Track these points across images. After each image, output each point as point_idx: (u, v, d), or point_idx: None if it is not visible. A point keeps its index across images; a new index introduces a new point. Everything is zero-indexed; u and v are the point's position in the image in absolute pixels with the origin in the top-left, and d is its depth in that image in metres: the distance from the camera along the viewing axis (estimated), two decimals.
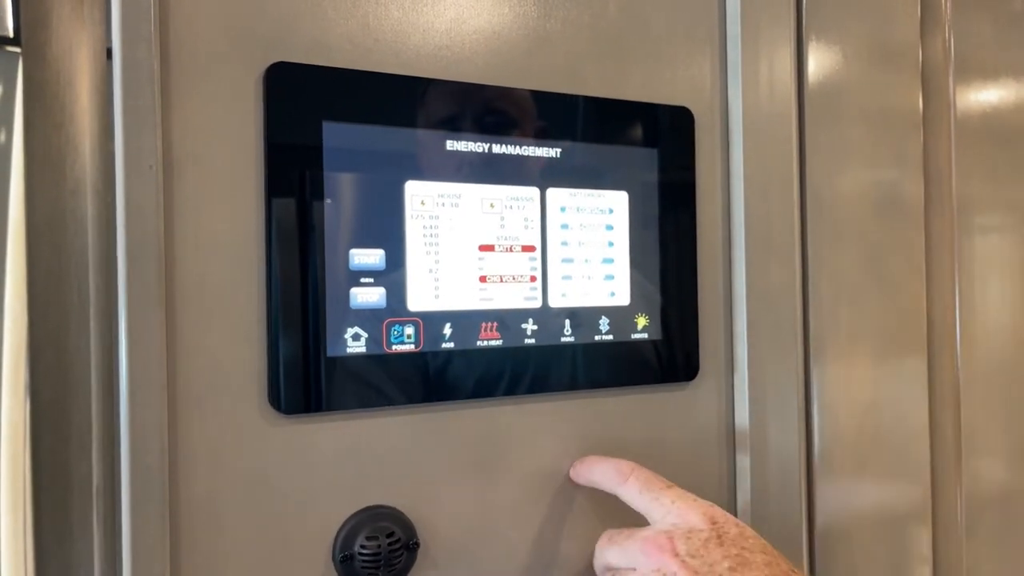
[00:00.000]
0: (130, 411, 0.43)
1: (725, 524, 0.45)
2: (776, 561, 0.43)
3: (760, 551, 0.43)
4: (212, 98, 0.47)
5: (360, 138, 0.50)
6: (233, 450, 0.47)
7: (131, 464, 0.43)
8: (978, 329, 0.79)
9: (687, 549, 0.43)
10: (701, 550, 0.43)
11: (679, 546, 0.43)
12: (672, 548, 0.43)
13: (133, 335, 0.44)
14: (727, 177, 0.64)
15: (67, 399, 0.46)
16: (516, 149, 0.54)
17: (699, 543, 0.43)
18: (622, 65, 0.60)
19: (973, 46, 0.79)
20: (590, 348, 0.57)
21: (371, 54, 0.51)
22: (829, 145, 0.67)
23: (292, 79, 0.48)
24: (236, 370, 0.47)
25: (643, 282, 0.59)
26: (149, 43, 0.44)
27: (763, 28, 0.64)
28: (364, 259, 0.50)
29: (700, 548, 0.43)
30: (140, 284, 0.44)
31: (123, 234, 0.44)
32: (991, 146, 0.80)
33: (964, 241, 0.78)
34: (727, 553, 0.42)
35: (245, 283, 0.47)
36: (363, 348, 0.50)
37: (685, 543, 0.43)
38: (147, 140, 0.44)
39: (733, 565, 0.42)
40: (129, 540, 0.43)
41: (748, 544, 0.43)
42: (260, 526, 0.48)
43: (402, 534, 0.50)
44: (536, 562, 0.56)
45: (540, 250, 0.55)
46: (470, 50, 0.54)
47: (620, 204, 0.58)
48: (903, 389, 0.72)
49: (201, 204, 0.47)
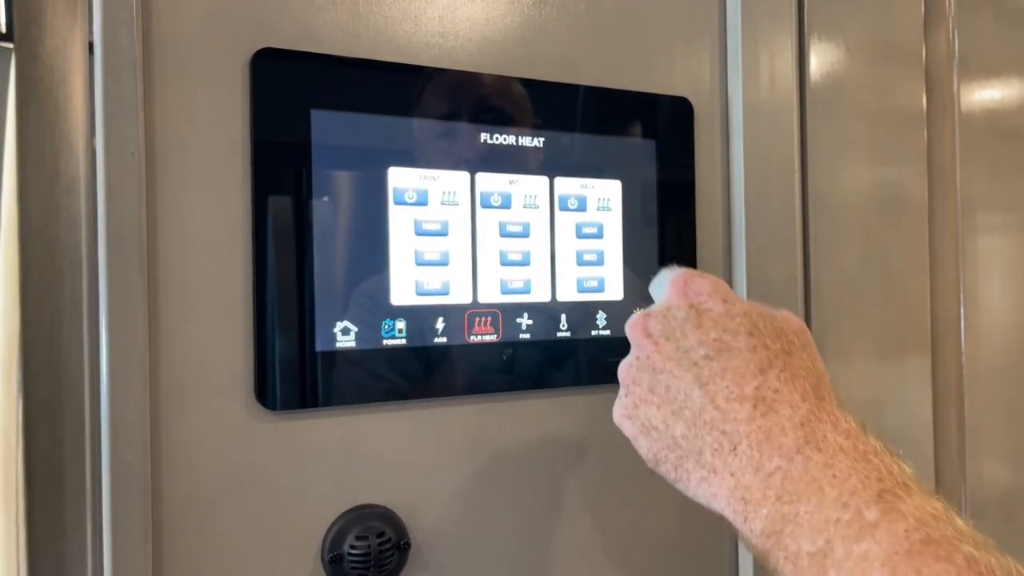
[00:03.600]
0: (110, 406, 0.42)
1: (709, 300, 0.38)
2: (764, 342, 0.36)
3: (746, 332, 0.36)
4: (197, 85, 0.46)
5: (350, 127, 0.48)
6: (219, 447, 0.46)
7: (112, 461, 0.42)
8: (982, 326, 0.78)
9: (662, 329, 0.38)
10: (677, 331, 0.37)
11: (653, 326, 0.38)
12: (645, 328, 0.38)
13: (114, 328, 0.42)
14: (727, 170, 0.63)
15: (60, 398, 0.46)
16: (508, 139, 0.53)
17: (675, 324, 0.38)
18: (619, 54, 0.58)
19: (977, 42, 0.78)
20: (587, 343, 0.56)
21: (361, 41, 0.50)
22: (831, 140, 0.66)
23: (280, 66, 0.47)
24: (222, 365, 0.46)
25: (641, 276, 0.58)
26: (131, 27, 0.43)
27: (763, 19, 0.63)
28: (354, 250, 0.48)
29: (676, 329, 0.37)
30: (122, 275, 0.43)
31: (104, 224, 0.42)
32: (995, 143, 0.80)
33: (968, 238, 0.77)
34: (704, 338, 0.36)
35: (231, 275, 0.46)
36: (353, 343, 0.48)
37: (660, 322, 0.38)
38: (129, 126, 0.43)
39: (710, 352, 0.36)
40: (110, 538, 0.42)
41: (732, 325, 0.37)
42: (246, 525, 0.46)
43: (393, 534, 0.49)
44: (531, 563, 0.55)
45: (534, 243, 0.54)
46: (463, 38, 0.53)
47: (615, 195, 0.57)
48: (906, 387, 0.71)
49: (186, 194, 0.45)
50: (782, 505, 0.32)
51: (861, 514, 0.30)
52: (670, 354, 0.37)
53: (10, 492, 0.45)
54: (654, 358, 0.38)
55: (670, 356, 0.37)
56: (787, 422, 0.34)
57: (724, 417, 0.35)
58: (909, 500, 0.30)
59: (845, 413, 0.35)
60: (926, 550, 0.28)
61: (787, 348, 0.37)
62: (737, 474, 0.34)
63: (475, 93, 0.53)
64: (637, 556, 0.59)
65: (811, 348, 0.38)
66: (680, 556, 0.60)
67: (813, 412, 0.34)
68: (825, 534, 0.30)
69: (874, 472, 0.32)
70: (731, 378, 0.35)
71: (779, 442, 0.33)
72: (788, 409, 0.34)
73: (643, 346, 0.38)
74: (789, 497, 0.32)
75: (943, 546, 0.28)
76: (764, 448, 0.33)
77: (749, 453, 0.34)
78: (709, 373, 0.36)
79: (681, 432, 0.36)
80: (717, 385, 0.35)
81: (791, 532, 0.31)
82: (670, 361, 0.37)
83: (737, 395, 0.35)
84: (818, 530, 0.30)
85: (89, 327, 0.46)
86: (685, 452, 0.36)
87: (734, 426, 0.34)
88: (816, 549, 0.30)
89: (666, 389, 0.37)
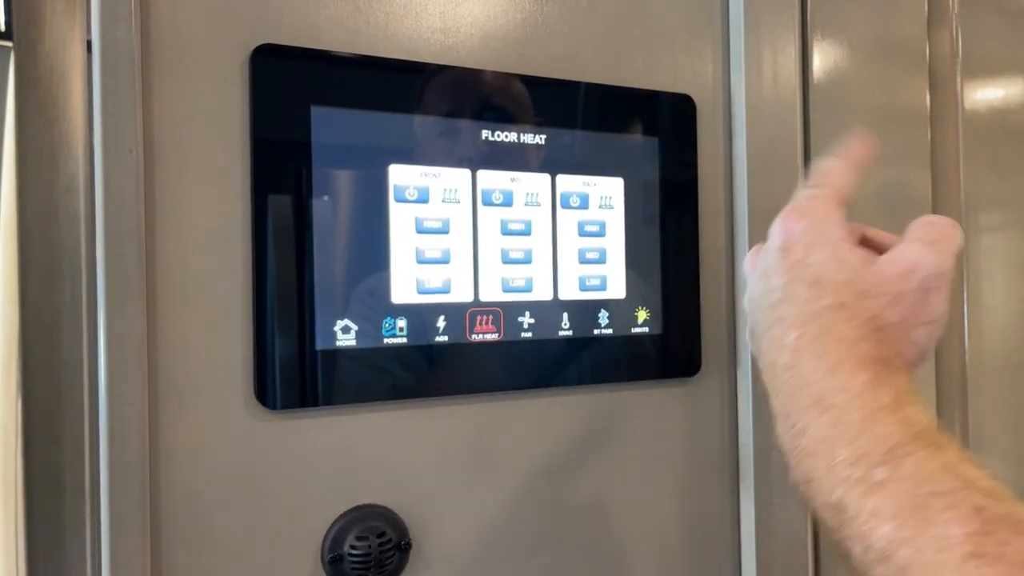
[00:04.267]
0: (109, 405, 0.42)
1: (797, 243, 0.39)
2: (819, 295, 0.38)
3: (809, 283, 0.38)
4: (196, 81, 0.45)
5: (350, 124, 0.48)
6: (218, 447, 0.45)
7: (110, 460, 0.42)
8: (986, 326, 0.78)
9: (763, 267, 0.41)
10: (769, 270, 0.40)
11: (759, 260, 0.41)
12: (753, 261, 0.42)
13: (112, 326, 0.42)
14: (730, 168, 0.62)
15: (59, 399, 0.45)
16: (510, 136, 0.53)
17: (767, 264, 0.40)
18: (621, 51, 0.58)
19: (980, 41, 0.78)
20: (589, 342, 0.55)
21: (361, 37, 0.49)
22: (834, 138, 0.66)
23: (279, 62, 0.47)
24: (221, 364, 0.46)
25: (643, 275, 0.58)
26: (129, 23, 0.42)
27: (766, 16, 0.62)
28: (354, 248, 0.48)
29: (769, 268, 0.40)
30: (120, 273, 0.42)
31: (102, 222, 0.42)
32: (999, 141, 0.79)
33: (972, 237, 0.77)
34: (779, 282, 0.39)
35: (230, 273, 0.46)
36: (353, 341, 0.48)
37: (763, 258, 0.41)
38: (127, 124, 0.42)
39: (778, 299, 0.39)
40: (108, 538, 0.42)
41: (803, 274, 0.38)
42: (246, 526, 0.46)
43: (393, 534, 0.48)
44: (532, 563, 0.54)
45: (535, 241, 0.54)
46: (465, 34, 0.53)
47: (617, 193, 0.57)
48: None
49: (185, 191, 0.45)
50: (803, 458, 0.34)
51: (870, 473, 0.31)
52: (758, 295, 0.40)
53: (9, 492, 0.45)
54: (753, 291, 0.41)
55: (757, 299, 0.40)
56: (809, 376, 0.35)
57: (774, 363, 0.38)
58: (917, 454, 0.31)
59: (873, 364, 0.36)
60: (932, 503, 0.29)
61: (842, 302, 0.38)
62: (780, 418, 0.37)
63: (477, 90, 0.52)
64: (639, 556, 0.58)
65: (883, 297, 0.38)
66: (682, 556, 0.60)
67: (836, 366, 0.35)
68: (839, 490, 0.32)
69: (885, 428, 0.32)
70: (783, 327, 0.38)
71: (798, 396, 0.35)
72: (811, 363, 0.36)
73: (751, 278, 0.42)
74: (809, 450, 0.34)
75: (949, 497, 0.29)
76: (790, 403, 0.36)
77: (782, 406, 0.36)
78: (774, 318, 0.38)
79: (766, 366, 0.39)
80: (774, 332, 0.38)
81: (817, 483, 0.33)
82: (761, 297, 0.40)
83: (779, 345, 0.37)
84: (831, 488, 0.32)
85: (88, 326, 0.46)
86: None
87: (776, 372, 0.37)
88: (832, 501, 0.32)
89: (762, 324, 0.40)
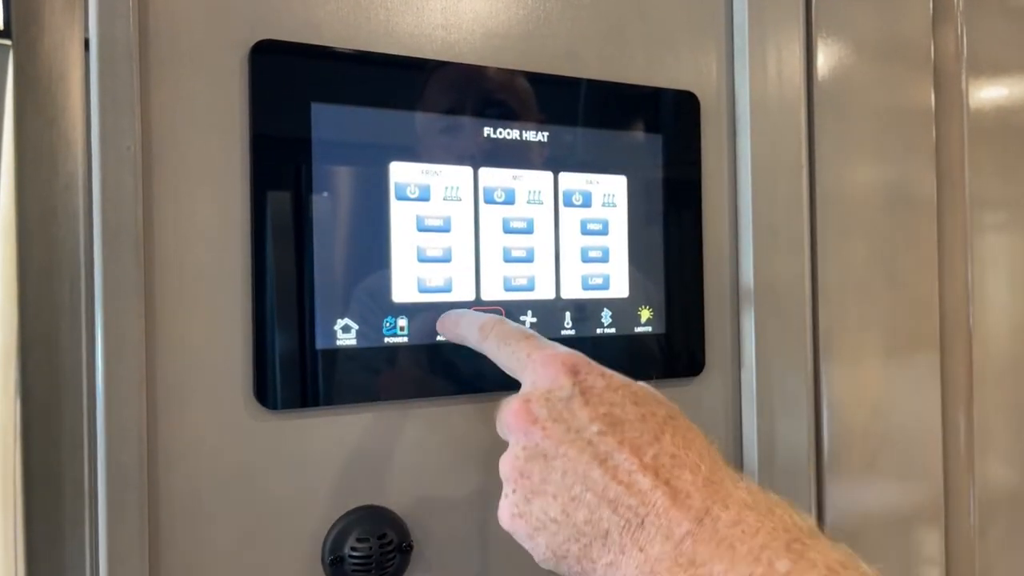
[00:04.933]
0: (106, 405, 0.41)
1: (589, 376, 0.37)
2: (652, 410, 0.36)
3: (631, 403, 0.36)
4: (195, 78, 0.45)
5: (351, 121, 0.48)
6: (217, 447, 0.45)
7: (107, 461, 0.41)
8: (991, 325, 0.77)
9: (548, 413, 0.36)
10: (564, 412, 0.36)
11: (537, 410, 0.37)
12: (530, 415, 0.37)
13: (110, 325, 0.42)
14: (734, 166, 0.62)
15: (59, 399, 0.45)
16: (512, 133, 0.52)
17: (561, 405, 0.36)
18: (625, 47, 0.58)
19: (985, 39, 0.77)
20: (592, 341, 0.55)
21: (362, 33, 0.49)
22: (839, 137, 0.66)
23: (279, 58, 0.46)
24: (220, 363, 0.45)
25: (646, 273, 0.57)
26: (127, 19, 0.42)
27: (771, 14, 0.62)
28: (355, 247, 0.48)
29: (563, 410, 0.36)
30: (117, 272, 0.42)
31: (100, 219, 0.42)
32: (1004, 140, 0.79)
33: (976, 236, 0.76)
34: (594, 413, 0.36)
35: (230, 271, 0.45)
36: (353, 340, 0.47)
37: (545, 406, 0.37)
38: (125, 121, 0.42)
39: (603, 427, 0.35)
40: (106, 538, 0.41)
41: (616, 398, 0.36)
42: (245, 527, 0.46)
43: (395, 535, 0.48)
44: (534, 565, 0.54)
45: (538, 239, 0.53)
46: (466, 30, 0.52)
47: (620, 191, 0.56)
48: (915, 386, 0.70)
49: (183, 189, 0.44)
50: (696, 569, 0.31)
51: (773, 566, 0.30)
52: (561, 436, 0.36)
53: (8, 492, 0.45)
54: (544, 444, 0.36)
55: (562, 439, 0.35)
56: (690, 486, 0.33)
57: (629, 491, 0.34)
58: (816, 549, 0.31)
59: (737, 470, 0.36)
60: None
61: (671, 412, 0.37)
62: (646, 548, 0.33)
63: (478, 87, 0.52)
64: None
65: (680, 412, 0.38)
66: None
67: (713, 471, 0.34)
68: None
69: (780, 524, 0.32)
70: (629, 450, 0.34)
71: (686, 505, 0.33)
72: (689, 473, 0.34)
73: (530, 433, 0.36)
74: (702, 559, 0.31)
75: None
76: (672, 514, 0.33)
77: (657, 523, 0.33)
78: (606, 449, 0.35)
79: (584, 518, 0.34)
80: (616, 460, 0.34)
81: None
82: (563, 444, 0.35)
83: (638, 466, 0.34)
84: None
85: (87, 326, 0.45)
86: (591, 539, 0.34)
87: (639, 498, 0.33)
88: None
89: (562, 475, 0.35)
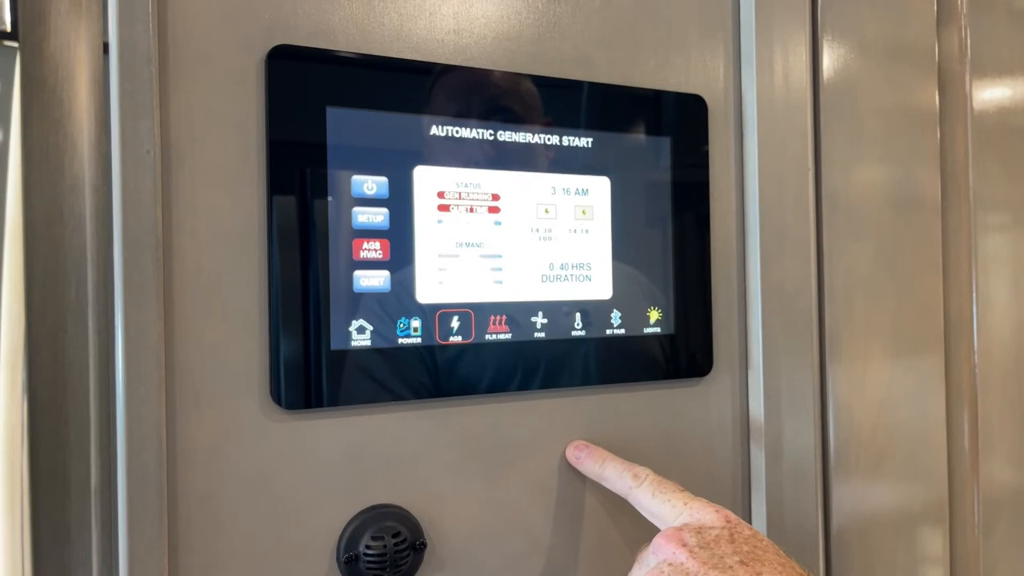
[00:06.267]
0: (126, 406, 0.42)
1: (738, 525, 0.44)
2: (790, 563, 0.41)
3: (773, 552, 0.42)
4: (212, 82, 0.45)
5: (365, 124, 0.48)
6: (234, 447, 0.46)
7: (128, 461, 0.42)
8: (996, 326, 0.77)
9: (697, 541, 0.42)
10: (712, 544, 0.42)
11: (688, 538, 0.42)
12: (680, 539, 0.42)
13: (130, 327, 0.42)
14: (741, 168, 0.62)
15: (65, 399, 0.45)
16: (524, 136, 0.53)
17: (710, 538, 0.42)
18: (633, 51, 0.58)
19: (989, 41, 0.77)
20: (601, 342, 0.55)
21: (376, 38, 0.50)
22: (845, 139, 0.66)
23: (295, 63, 0.47)
24: (237, 364, 0.46)
25: (654, 275, 0.58)
26: (146, 24, 0.43)
27: (777, 17, 0.62)
28: (370, 249, 0.48)
29: (711, 542, 0.42)
30: (137, 274, 0.42)
31: (119, 222, 0.42)
32: (1008, 141, 0.79)
33: (981, 237, 0.76)
34: (738, 549, 0.41)
35: (246, 273, 0.46)
36: (368, 341, 0.48)
37: (696, 536, 0.43)
38: (144, 124, 0.42)
39: (744, 559, 0.40)
40: (126, 539, 0.42)
41: (761, 544, 0.42)
42: (261, 526, 0.46)
43: (408, 534, 0.48)
44: (547, 563, 0.54)
45: (547, 241, 0.54)
46: (478, 35, 0.53)
47: (629, 193, 0.56)
48: (920, 386, 0.70)
49: (201, 192, 0.45)
50: None
51: None
52: (705, 559, 0.40)
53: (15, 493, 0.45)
54: (688, 564, 0.41)
55: (706, 561, 0.40)
56: None
57: None
58: None
59: None
60: None
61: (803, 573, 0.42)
62: None
63: (490, 90, 0.52)
64: None
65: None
66: None
67: None
68: None
69: None
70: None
71: None
72: None
73: (677, 553, 0.41)
74: None
75: None
76: None
77: None
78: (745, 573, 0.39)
79: None
80: None
81: None
82: (705, 565, 0.40)
83: None
84: None
85: (95, 327, 0.45)
86: None
87: None
88: None
89: None
